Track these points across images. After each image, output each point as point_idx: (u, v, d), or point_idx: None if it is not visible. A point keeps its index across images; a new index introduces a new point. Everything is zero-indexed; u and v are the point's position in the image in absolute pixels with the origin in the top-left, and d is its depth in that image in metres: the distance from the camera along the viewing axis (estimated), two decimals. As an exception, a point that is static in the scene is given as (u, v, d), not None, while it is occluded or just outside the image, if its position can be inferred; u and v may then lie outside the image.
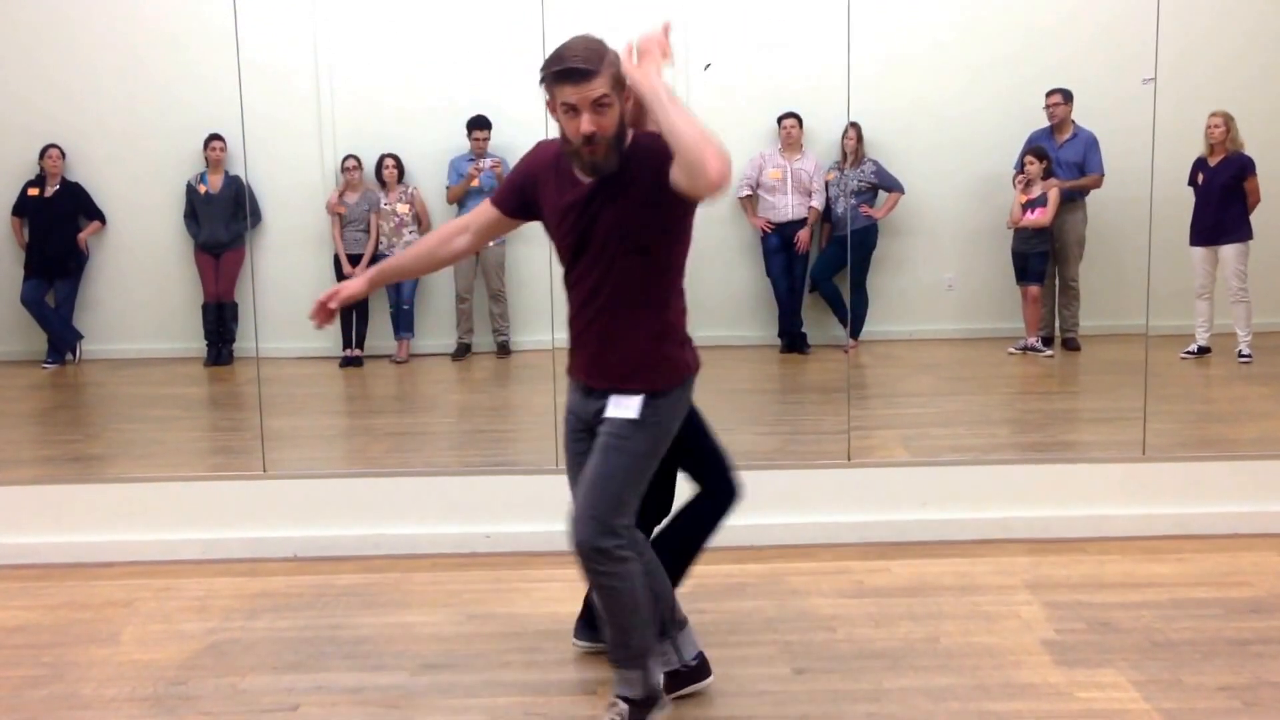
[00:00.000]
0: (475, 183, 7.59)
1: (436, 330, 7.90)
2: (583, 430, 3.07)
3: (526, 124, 5.30)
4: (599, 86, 2.75)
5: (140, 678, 3.52)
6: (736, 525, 4.63)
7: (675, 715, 3.21)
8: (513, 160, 4.98)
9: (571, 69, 2.74)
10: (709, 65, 7.22)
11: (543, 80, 2.83)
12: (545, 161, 3.01)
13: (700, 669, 3.32)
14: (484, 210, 3.15)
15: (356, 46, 7.81)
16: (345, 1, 7.89)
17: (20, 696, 3.41)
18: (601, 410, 2.98)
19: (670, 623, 3.25)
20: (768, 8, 7.57)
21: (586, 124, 2.76)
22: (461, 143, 7.76)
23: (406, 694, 3.40)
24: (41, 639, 3.85)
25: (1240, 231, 6.97)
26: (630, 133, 2.89)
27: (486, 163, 7.63)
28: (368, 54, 7.81)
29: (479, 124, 7.69)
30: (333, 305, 3.14)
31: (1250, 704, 3.24)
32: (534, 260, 7.41)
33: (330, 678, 3.51)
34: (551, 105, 2.84)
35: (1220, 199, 6.99)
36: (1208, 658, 3.52)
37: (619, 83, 2.80)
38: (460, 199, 7.73)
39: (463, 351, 7.82)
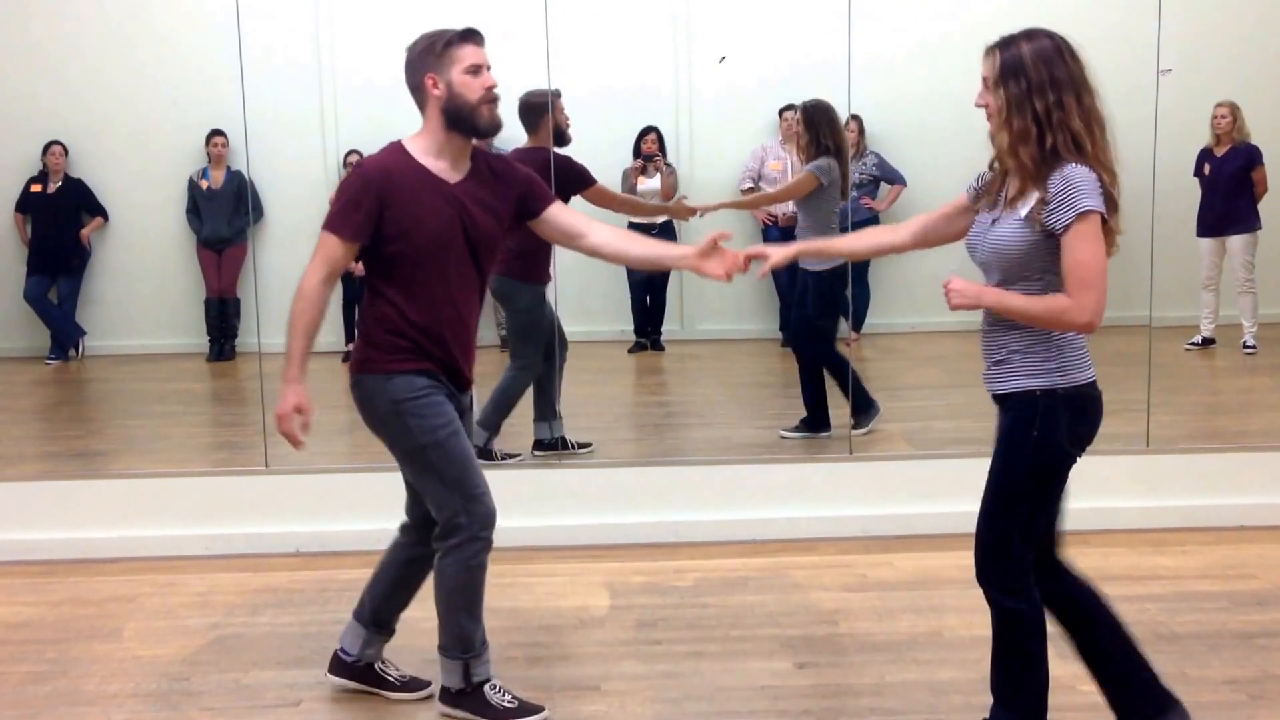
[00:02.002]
0: None
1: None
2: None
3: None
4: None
5: (143, 673, 3.52)
6: (739, 519, 4.67)
7: (676, 712, 3.21)
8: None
9: (475, 30, 2.98)
10: (724, 58, 7.20)
11: (436, 51, 2.97)
12: (389, 175, 2.94)
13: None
14: (337, 248, 3.00)
15: (358, 41, 7.79)
16: (347, -4, 7.88)
17: (23, 692, 3.41)
18: (467, 401, 3.25)
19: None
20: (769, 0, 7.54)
21: (491, 78, 2.94)
22: (463, 137, 7.75)
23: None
24: (45, 635, 3.85)
25: (1248, 222, 6.95)
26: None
27: None
28: (370, 49, 7.76)
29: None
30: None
31: (1256, 697, 3.23)
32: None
33: (333, 673, 3.51)
34: (434, 79, 2.96)
35: (1227, 189, 6.96)
36: (1213, 651, 3.51)
37: None
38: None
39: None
